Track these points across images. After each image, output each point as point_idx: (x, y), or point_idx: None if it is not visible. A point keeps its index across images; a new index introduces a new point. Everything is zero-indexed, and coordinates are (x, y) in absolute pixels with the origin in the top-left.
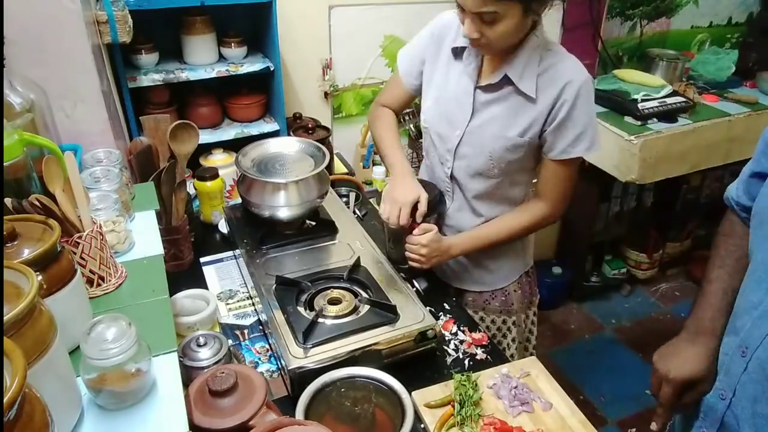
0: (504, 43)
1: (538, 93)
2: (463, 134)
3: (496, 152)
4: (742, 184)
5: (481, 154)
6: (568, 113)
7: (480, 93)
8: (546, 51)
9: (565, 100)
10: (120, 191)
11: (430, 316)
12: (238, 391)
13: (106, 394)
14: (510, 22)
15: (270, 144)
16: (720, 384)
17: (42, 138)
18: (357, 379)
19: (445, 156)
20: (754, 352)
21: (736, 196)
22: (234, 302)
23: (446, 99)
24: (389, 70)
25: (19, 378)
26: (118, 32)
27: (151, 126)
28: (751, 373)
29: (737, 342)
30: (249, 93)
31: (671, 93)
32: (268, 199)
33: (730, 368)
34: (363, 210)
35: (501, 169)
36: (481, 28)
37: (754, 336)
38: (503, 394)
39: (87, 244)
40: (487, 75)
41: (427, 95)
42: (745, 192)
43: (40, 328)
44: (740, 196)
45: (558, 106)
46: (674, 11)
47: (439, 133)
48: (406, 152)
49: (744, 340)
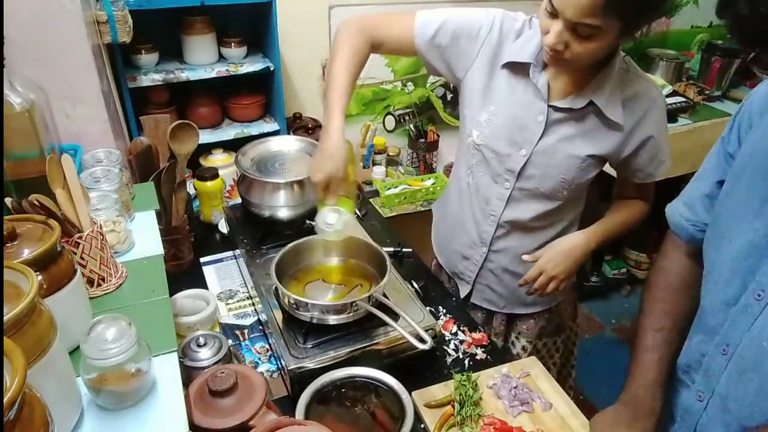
0: (588, 61)
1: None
2: (530, 154)
3: (569, 173)
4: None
5: (551, 175)
6: (648, 136)
7: (551, 111)
8: (626, 75)
9: (648, 122)
10: (120, 191)
11: (430, 316)
12: (238, 391)
13: (106, 394)
14: (605, 40)
15: (270, 143)
16: (698, 386)
17: None
18: (357, 379)
19: (503, 176)
20: (736, 349)
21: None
22: (234, 302)
23: (508, 115)
24: (389, 70)
25: (19, 378)
26: (118, 32)
27: (151, 126)
28: (731, 371)
29: (716, 340)
30: (249, 93)
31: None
32: (267, 199)
33: (709, 368)
34: (363, 210)
35: (572, 191)
36: (570, 41)
37: (736, 332)
38: (503, 394)
39: (87, 244)
40: (559, 93)
41: (481, 108)
42: (708, 206)
43: (40, 328)
44: (701, 215)
45: (643, 137)
46: (674, 11)
47: (497, 151)
48: (406, 152)
49: (725, 337)
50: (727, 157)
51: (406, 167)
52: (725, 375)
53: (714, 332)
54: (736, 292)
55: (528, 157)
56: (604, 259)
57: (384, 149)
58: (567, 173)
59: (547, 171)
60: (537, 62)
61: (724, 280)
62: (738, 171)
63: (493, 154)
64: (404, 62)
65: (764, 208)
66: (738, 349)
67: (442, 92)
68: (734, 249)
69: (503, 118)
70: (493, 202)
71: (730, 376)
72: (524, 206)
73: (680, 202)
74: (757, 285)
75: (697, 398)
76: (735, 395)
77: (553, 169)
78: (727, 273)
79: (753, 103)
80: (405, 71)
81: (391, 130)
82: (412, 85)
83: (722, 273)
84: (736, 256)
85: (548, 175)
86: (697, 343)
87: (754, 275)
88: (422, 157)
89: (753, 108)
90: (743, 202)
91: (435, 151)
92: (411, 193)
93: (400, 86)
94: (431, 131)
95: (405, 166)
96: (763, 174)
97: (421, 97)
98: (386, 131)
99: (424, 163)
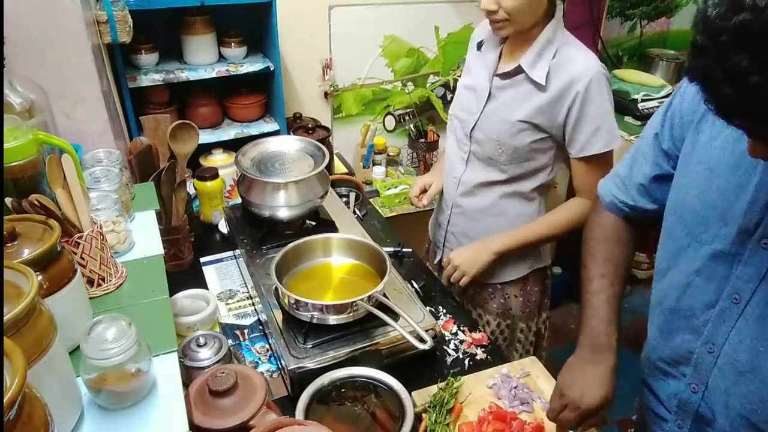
0: (521, 16)
1: (548, 81)
2: (478, 119)
3: (502, 136)
4: (639, 189)
5: (490, 139)
6: (581, 108)
7: (497, 80)
8: (564, 44)
9: (578, 92)
10: (120, 191)
11: (430, 316)
12: (238, 391)
13: (106, 394)
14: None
15: (269, 143)
16: (690, 379)
17: (57, 138)
18: (357, 379)
19: (463, 140)
20: (722, 349)
21: (632, 200)
22: (234, 302)
23: (468, 86)
24: (389, 70)
25: (19, 378)
26: (118, 32)
27: (151, 126)
28: (721, 367)
29: (702, 339)
30: (249, 93)
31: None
32: (268, 199)
33: (698, 364)
34: (363, 210)
35: (509, 155)
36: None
37: (719, 333)
38: (503, 394)
39: (87, 244)
40: (505, 64)
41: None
42: (644, 194)
43: (40, 328)
44: (638, 200)
45: (572, 99)
46: (674, 11)
47: (459, 117)
48: (407, 152)
49: (709, 337)
50: (662, 153)
51: (406, 167)
52: (717, 372)
53: (698, 332)
54: (714, 295)
55: (476, 121)
56: None
57: (384, 149)
58: (501, 137)
59: (487, 135)
60: (490, 38)
61: (699, 283)
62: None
63: (457, 121)
64: (404, 62)
65: (725, 216)
66: (726, 350)
67: (442, 92)
68: (704, 254)
69: (466, 89)
70: (456, 167)
71: (726, 375)
72: (477, 170)
73: (612, 184)
74: (731, 289)
75: (692, 390)
76: (736, 393)
77: (491, 131)
78: (702, 276)
79: (684, 101)
80: (405, 71)
81: (391, 130)
82: (412, 85)
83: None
84: (708, 260)
85: (489, 138)
86: (682, 342)
87: (728, 280)
88: (422, 157)
89: (684, 110)
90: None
91: (435, 151)
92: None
93: (400, 86)
94: (431, 131)
95: (405, 166)
96: (717, 185)
97: (421, 97)
98: (386, 131)
99: (424, 163)
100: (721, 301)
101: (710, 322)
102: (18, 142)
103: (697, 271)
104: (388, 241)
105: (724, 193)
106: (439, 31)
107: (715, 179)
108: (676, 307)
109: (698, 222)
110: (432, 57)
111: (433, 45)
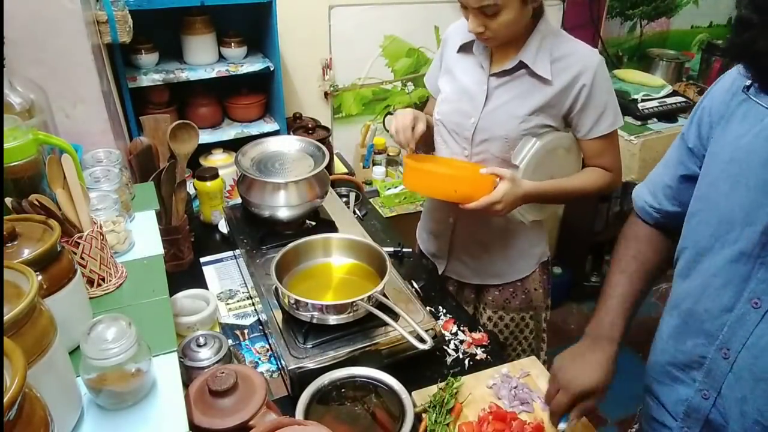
0: (508, 33)
1: (553, 77)
2: (478, 121)
3: (511, 133)
4: (665, 191)
5: (497, 137)
6: (588, 97)
7: (493, 80)
8: (555, 39)
9: (584, 84)
10: (120, 191)
11: (430, 316)
12: (238, 391)
13: (106, 394)
14: (511, 12)
15: (269, 143)
16: (701, 385)
17: (57, 138)
18: (357, 379)
19: (461, 145)
20: (739, 354)
21: (659, 203)
22: (234, 302)
23: (459, 91)
24: (389, 70)
25: (19, 378)
26: (118, 32)
27: (151, 126)
28: (737, 373)
29: (716, 344)
30: (249, 93)
31: (671, 93)
32: (268, 199)
33: (711, 369)
34: (363, 210)
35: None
36: (484, 22)
37: (736, 338)
38: (503, 394)
39: (87, 244)
40: (499, 63)
41: (442, 94)
42: (670, 197)
43: (40, 328)
44: (663, 203)
45: (578, 91)
46: (674, 11)
47: (455, 122)
48: None
49: (724, 342)
50: (687, 152)
51: None
52: (732, 378)
53: (713, 336)
54: (732, 299)
55: (477, 123)
56: (604, 259)
57: (384, 149)
58: (509, 133)
59: (493, 134)
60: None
61: (717, 286)
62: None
63: (452, 126)
64: (404, 62)
65: (751, 216)
66: (743, 355)
67: None
68: (726, 256)
69: (456, 93)
70: None
71: (743, 381)
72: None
73: (645, 188)
74: (751, 293)
75: (702, 396)
76: (753, 400)
77: (497, 129)
78: (720, 279)
79: (713, 101)
80: (405, 71)
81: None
82: (412, 85)
83: (716, 278)
84: (729, 263)
85: (495, 137)
86: (694, 346)
87: (748, 283)
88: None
89: (713, 108)
90: (733, 207)
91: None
92: (411, 193)
93: (400, 86)
94: None
95: None
96: (745, 182)
97: (421, 97)
98: (386, 131)
99: None
100: (740, 305)
101: (726, 326)
102: (18, 142)
103: (716, 273)
104: (388, 241)
105: (752, 190)
106: (439, 31)
107: (742, 177)
108: (692, 310)
109: (724, 221)
110: (432, 57)
111: (433, 45)
